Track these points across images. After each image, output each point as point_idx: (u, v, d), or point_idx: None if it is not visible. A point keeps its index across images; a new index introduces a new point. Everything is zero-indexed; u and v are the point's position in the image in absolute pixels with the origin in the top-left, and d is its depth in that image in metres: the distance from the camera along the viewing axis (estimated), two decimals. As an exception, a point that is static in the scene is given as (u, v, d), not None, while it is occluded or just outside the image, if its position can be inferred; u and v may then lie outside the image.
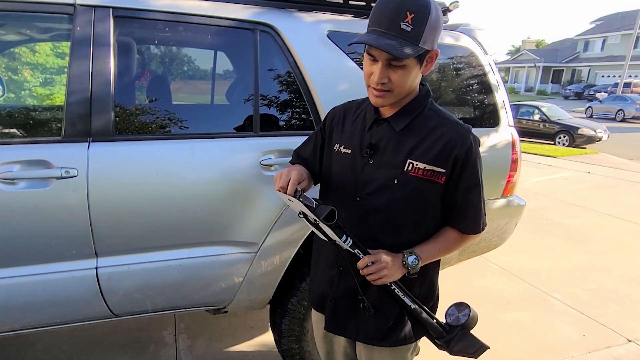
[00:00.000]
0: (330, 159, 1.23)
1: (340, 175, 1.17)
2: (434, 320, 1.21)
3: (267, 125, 1.78)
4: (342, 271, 1.19)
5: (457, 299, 1.27)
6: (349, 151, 1.16)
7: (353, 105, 1.25)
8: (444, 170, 1.07)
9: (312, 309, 1.38)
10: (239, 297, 1.80)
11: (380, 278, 1.06)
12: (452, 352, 1.20)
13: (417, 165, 1.06)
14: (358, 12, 1.92)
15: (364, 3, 1.89)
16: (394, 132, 1.09)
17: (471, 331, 1.21)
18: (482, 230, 1.17)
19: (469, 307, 1.21)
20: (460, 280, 3.29)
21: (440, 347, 1.23)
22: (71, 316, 1.63)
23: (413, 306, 1.15)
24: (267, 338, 2.46)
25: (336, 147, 1.20)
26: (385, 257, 1.07)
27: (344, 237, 1.03)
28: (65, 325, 1.65)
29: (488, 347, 1.19)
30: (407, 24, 0.93)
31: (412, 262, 1.09)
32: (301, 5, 1.85)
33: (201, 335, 2.49)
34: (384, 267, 1.06)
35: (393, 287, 1.11)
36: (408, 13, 0.93)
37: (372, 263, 1.06)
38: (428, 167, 1.06)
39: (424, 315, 1.18)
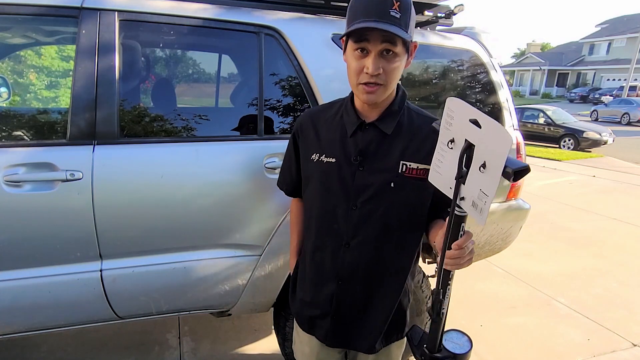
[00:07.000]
0: (309, 170, 1.17)
1: (326, 185, 1.12)
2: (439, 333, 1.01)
3: (271, 129, 1.79)
4: (341, 285, 1.14)
5: (461, 302, 1.26)
6: (333, 160, 1.10)
7: (317, 112, 1.19)
8: None
9: (299, 330, 1.29)
10: (243, 300, 1.80)
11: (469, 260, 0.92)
12: None
13: (410, 166, 1.06)
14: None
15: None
16: (383, 135, 1.07)
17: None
18: None
19: (469, 339, 1.02)
20: (464, 284, 3.27)
21: (418, 355, 1.05)
22: (76, 318, 1.64)
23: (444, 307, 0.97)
24: (271, 341, 2.45)
25: (315, 156, 1.13)
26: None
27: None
28: (70, 327, 1.65)
29: None
30: (395, 11, 0.93)
31: None
32: (306, 8, 1.86)
33: (205, 338, 2.49)
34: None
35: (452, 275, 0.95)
36: (394, 1, 0.93)
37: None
38: (421, 166, 1.06)
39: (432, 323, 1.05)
